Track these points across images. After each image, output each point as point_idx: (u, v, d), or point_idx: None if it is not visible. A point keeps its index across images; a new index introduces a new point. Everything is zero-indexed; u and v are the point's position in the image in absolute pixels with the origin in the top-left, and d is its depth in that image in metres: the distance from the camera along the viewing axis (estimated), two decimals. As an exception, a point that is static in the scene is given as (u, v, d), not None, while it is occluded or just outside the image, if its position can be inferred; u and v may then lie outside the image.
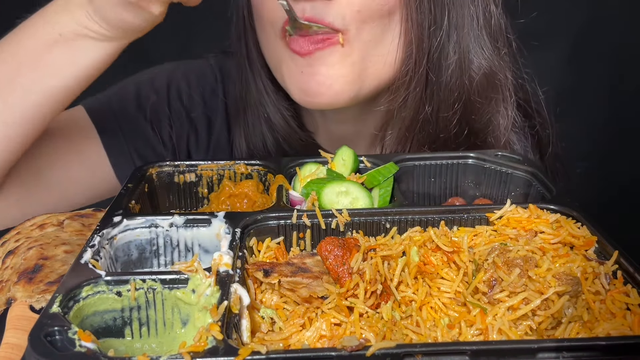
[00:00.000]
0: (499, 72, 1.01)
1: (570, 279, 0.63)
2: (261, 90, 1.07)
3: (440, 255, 0.71)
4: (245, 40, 1.06)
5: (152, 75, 1.17)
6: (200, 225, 0.75)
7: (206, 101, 1.15)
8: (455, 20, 0.95)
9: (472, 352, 0.53)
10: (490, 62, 0.99)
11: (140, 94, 1.13)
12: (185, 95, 1.15)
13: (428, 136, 1.02)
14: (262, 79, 1.06)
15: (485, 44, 0.98)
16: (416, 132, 1.02)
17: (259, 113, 1.08)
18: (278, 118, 1.07)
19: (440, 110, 0.99)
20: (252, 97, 1.08)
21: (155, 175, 0.92)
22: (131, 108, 1.12)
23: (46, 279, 0.73)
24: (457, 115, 0.99)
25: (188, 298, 0.63)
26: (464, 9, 0.95)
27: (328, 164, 0.91)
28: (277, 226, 0.76)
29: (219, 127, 1.16)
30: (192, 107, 1.14)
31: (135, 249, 0.76)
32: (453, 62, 0.96)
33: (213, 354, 0.53)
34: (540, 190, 0.86)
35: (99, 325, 0.63)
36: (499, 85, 1.01)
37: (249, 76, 1.07)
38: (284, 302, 0.67)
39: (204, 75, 1.16)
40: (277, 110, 1.07)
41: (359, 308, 0.64)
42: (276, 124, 1.08)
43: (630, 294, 0.63)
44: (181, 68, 1.18)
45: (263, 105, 1.07)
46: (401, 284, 0.68)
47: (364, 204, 0.81)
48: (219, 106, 1.15)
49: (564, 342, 0.54)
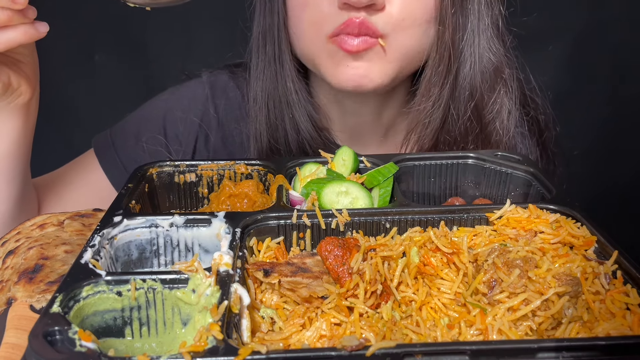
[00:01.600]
0: (506, 66, 1.10)
1: (570, 279, 0.63)
2: (290, 89, 1.13)
3: (440, 256, 0.71)
4: (278, 43, 1.12)
5: (151, 108, 1.27)
6: (201, 225, 0.75)
7: (202, 118, 1.24)
8: (475, 23, 1.05)
9: (472, 352, 0.53)
10: (498, 58, 1.08)
11: (140, 129, 1.23)
12: (180, 121, 1.24)
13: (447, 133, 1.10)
14: (293, 80, 1.13)
15: (494, 41, 1.08)
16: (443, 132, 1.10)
17: (284, 112, 1.15)
18: (305, 118, 1.14)
19: (460, 109, 1.08)
20: (277, 98, 1.14)
21: (156, 175, 0.92)
22: (130, 143, 1.22)
23: (46, 278, 0.73)
24: (469, 111, 1.08)
25: (188, 298, 0.63)
26: (481, 12, 1.05)
27: (328, 164, 0.91)
28: (277, 226, 0.76)
29: (215, 140, 1.24)
30: (187, 129, 1.24)
31: (136, 248, 0.76)
32: (470, 61, 1.06)
33: (213, 354, 0.53)
34: (540, 190, 0.86)
35: (99, 325, 0.63)
36: (505, 79, 1.10)
37: (279, 77, 1.14)
38: (284, 302, 0.67)
39: (195, 98, 1.26)
40: (304, 110, 1.14)
41: (358, 308, 0.64)
42: (302, 124, 1.15)
43: (630, 293, 0.63)
44: (176, 94, 1.27)
45: (291, 105, 1.14)
46: (401, 284, 0.68)
47: (364, 204, 0.81)
48: (212, 121, 1.24)
49: (564, 342, 0.54)
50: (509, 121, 1.11)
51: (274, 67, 1.13)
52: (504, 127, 1.10)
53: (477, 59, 1.07)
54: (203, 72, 1.28)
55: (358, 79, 1.03)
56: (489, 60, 1.08)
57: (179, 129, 1.23)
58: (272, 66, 1.13)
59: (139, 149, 1.20)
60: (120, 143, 1.22)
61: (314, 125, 1.15)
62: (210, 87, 1.25)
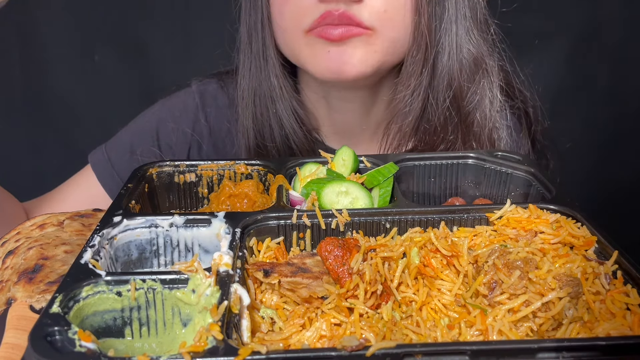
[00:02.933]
0: (487, 57, 1.11)
1: (570, 280, 0.63)
2: (274, 86, 1.14)
3: (440, 257, 0.71)
4: (263, 39, 1.13)
5: (144, 121, 1.28)
6: (200, 225, 0.75)
7: (194, 128, 1.26)
8: (453, 12, 1.06)
9: (472, 352, 0.53)
10: (478, 49, 1.10)
11: (133, 141, 1.26)
12: (172, 132, 1.26)
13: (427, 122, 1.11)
14: (277, 76, 1.14)
15: (474, 32, 1.09)
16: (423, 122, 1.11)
17: (269, 109, 1.16)
18: (288, 113, 1.15)
19: (439, 98, 1.09)
20: (262, 94, 1.15)
21: (156, 175, 0.92)
22: (126, 157, 1.24)
23: (46, 279, 0.73)
24: (447, 101, 1.09)
25: (188, 298, 0.63)
26: (458, 2, 1.07)
27: (328, 164, 0.91)
28: (277, 226, 0.76)
29: (207, 148, 1.26)
30: (180, 139, 1.26)
31: (135, 249, 0.76)
32: (449, 50, 1.07)
33: (213, 354, 0.53)
34: (540, 190, 0.86)
35: (99, 325, 0.63)
36: (486, 69, 1.11)
37: (263, 73, 1.15)
38: (284, 302, 0.67)
39: (185, 108, 1.27)
40: (288, 106, 1.15)
41: (359, 309, 0.64)
42: (285, 119, 1.15)
43: (630, 294, 0.63)
44: (166, 105, 1.29)
45: (274, 100, 1.15)
46: (401, 284, 0.68)
47: (364, 204, 0.81)
48: (203, 130, 1.26)
49: (564, 342, 0.54)
50: (490, 112, 1.12)
51: (259, 63, 1.14)
52: (485, 117, 1.11)
53: (455, 48, 1.07)
54: (193, 82, 1.30)
55: (339, 65, 1.03)
56: (468, 51, 1.08)
57: (172, 140, 1.25)
58: (258, 62, 1.15)
59: (134, 161, 1.22)
60: (116, 158, 1.24)
61: (298, 120, 1.16)
62: (200, 96, 1.27)
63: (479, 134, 1.12)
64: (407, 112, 1.10)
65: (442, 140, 1.11)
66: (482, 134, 1.12)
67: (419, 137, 1.12)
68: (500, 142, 1.15)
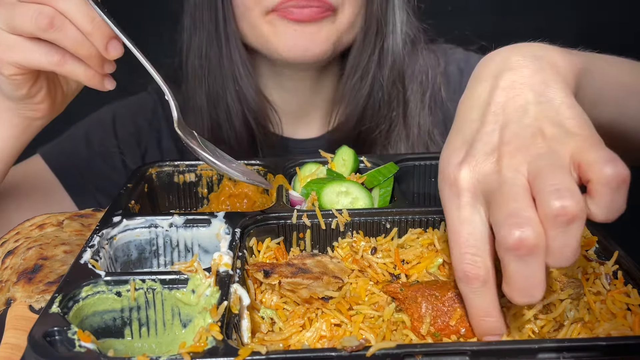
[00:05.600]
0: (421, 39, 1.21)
1: (571, 282, 0.63)
2: (237, 62, 1.15)
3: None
4: (224, 17, 1.13)
5: (98, 114, 1.28)
6: (200, 225, 0.75)
7: (151, 122, 1.27)
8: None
9: (472, 352, 0.53)
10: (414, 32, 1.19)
11: (89, 131, 1.25)
12: (130, 123, 1.26)
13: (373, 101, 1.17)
14: (239, 52, 1.15)
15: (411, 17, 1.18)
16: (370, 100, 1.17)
17: (226, 86, 1.16)
18: (250, 90, 1.16)
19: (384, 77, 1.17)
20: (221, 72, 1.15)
21: (155, 175, 0.92)
22: (82, 147, 1.23)
23: (46, 279, 0.73)
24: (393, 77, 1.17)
25: (188, 298, 0.63)
26: None
27: (328, 164, 0.91)
28: (277, 226, 0.76)
29: (166, 141, 1.27)
30: (138, 131, 1.26)
31: (135, 249, 0.76)
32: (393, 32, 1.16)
33: (213, 355, 0.53)
34: (540, 190, 0.86)
35: (98, 325, 0.63)
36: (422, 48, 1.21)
37: (224, 50, 1.15)
38: (284, 302, 0.67)
39: (144, 104, 1.29)
40: (250, 82, 1.16)
41: (363, 312, 0.64)
42: (247, 95, 1.16)
43: (630, 294, 0.63)
44: (122, 103, 1.30)
45: (236, 77, 1.16)
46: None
47: (364, 204, 0.81)
48: (161, 123, 1.27)
49: (565, 343, 0.54)
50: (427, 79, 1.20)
51: (218, 42, 1.15)
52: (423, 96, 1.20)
53: (399, 30, 1.15)
54: (149, 85, 1.30)
55: (306, 44, 1.07)
56: (407, 33, 1.17)
57: (130, 130, 1.25)
58: (217, 40, 1.15)
59: (92, 153, 1.22)
60: (71, 149, 1.22)
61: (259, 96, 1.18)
62: (158, 94, 1.27)
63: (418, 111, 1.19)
64: (357, 90, 1.15)
65: (385, 118, 1.18)
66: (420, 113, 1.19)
67: (366, 116, 1.17)
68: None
